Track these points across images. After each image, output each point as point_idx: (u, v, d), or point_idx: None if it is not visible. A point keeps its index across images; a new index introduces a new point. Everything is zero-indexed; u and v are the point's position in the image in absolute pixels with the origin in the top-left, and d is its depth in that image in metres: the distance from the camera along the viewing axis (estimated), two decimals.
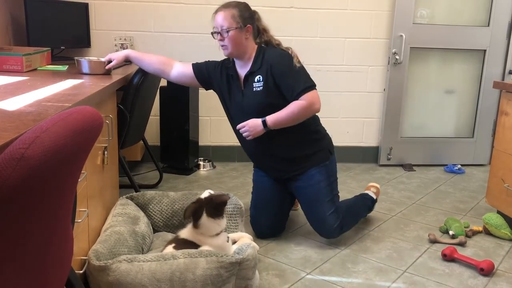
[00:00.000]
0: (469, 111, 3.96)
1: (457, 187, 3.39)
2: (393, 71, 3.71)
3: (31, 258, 0.87)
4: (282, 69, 2.26)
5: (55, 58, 3.01)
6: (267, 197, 2.45)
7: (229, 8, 2.28)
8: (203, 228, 1.88)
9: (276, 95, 2.26)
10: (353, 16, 3.67)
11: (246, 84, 2.33)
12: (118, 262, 1.69)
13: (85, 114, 0.95)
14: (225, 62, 2.43)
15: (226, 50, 2.30)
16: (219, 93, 2.45)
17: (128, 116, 2.50)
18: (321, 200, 2.33)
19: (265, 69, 2.27)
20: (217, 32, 2.30)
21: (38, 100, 1.48)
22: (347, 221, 2.39)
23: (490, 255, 2.32)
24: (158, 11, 3.52)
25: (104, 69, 2.34)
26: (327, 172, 2.40)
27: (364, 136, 3.89)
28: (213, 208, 1.89)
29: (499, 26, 3.74)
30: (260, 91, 2.27)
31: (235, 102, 2.37)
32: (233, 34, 2.24)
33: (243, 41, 2.28)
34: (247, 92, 2.32)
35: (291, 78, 2.25)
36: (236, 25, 2.24)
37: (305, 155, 2.37)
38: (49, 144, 0.78)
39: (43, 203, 0.85)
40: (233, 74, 2.37)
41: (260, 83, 2.27)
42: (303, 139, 2.36)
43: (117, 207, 2.14)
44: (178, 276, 1.67)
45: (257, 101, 2.28)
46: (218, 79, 2.42)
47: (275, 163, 2.40)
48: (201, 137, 3.72)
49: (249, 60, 2.33)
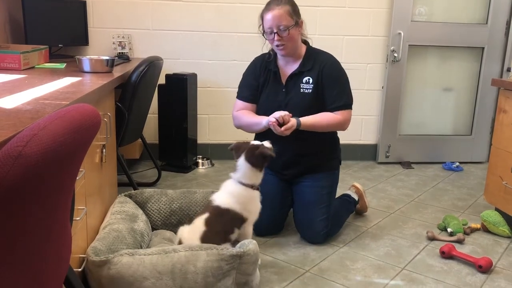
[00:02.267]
0: (467, 108, 3.96)
1: (455, 184, 3.40)
2: (391, 68, 3.71)
3: (29, 256, 0.87)
4: (334, 74, 2.25)
5: (53, 56, 3.00)
6: (269, 196, 2.40)
7: (282, 4, 2.18)
8: (240, 171, 1.95)
9: (321, 98, 2.26)
10: (352, 13, 3.66)
11: (289, 82, 2.28)
12: (119, 255, 1.70)
13: (83, 112, 0.95)
14: (266, 56, 2.38)
15: (285, 49, 2.22)
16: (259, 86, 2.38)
17: (126, 114, 2.50)
18: (317, 205, 2.33)
19: (317, 71, 2.24)
20: (273, 32, 2.19)
21: (36, 98, 1.48)
22: (333, 229, 2.40)
23: (488, 252, 2.32)
24: (156, 8, 3.51)
25: (105, 67, 2.33)
26: (333, 180, 2.42)
27: (363, 134, 3.89)
28: (252, 155, 1.95)
29: (497, 24, 3.74)
30: (308, 94, 2.24)
31: (272, 97, 2.31)
32: (292, 31, 2.17)
33: (298, 37, 2.23)
34: (291, 91, 2.27)
35: (338, 89, 2.25)
36: (293, 22, 2.17)
37: (321, 159, 2.37)
38: (46, 141, 0.78)
39: (40, 201, 0.85)
40: (275, 70, 2.31)
41: (310, 85, 2.24)
42: (324, 145, 2.37)
43: (115, 205, 2.14)
44: (179, 268, 1.69)
45: (304, 103, 2.25)
46: (262, 77, 2.36)
47: (288, 165, 2.37)
48: (200, 135, 3.72)
49: (298, 58, 2.28)
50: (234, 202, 1.94)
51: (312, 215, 2.33)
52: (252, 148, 1.96)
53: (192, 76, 3.41)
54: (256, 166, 1.96)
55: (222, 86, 3.70)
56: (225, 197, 1.96)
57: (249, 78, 2.40)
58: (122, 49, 3.45)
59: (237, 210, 1.93)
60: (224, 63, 3.66)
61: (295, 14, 2.19)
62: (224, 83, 3.69)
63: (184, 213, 2.28)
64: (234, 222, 1.93)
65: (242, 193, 1.96)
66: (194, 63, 3.62)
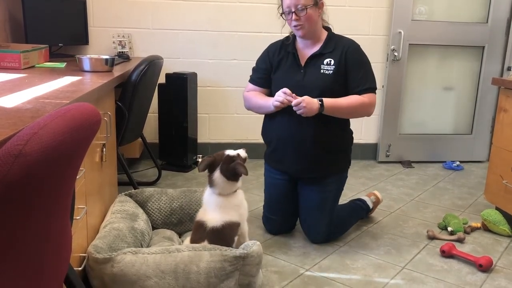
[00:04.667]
0: (468, 107, 3.96)
1: (456, 183, 3.40)
2: (391, 68, 3.71)
3: (29, 254, 0.87)
4: (358, 58, 2.23)
5: (53, 55, 3.00)
6: (280, 197, 2.41)
7: None
8: (217, 186, 1.89)
9: (342, 82, 2.22)
10: (352, 12, 3.66)
11: (309, 63, 2.25)
12: (123, 254, 1.70)
13: (83, 111, 0.95)
14: (284, 41, 2.35)
15: (302, 30, 2.19)
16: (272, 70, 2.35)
17: (126, 113, 2.50)
18: (322, 208, 2.32)
19: (339, 54, 2.21)
20: (291, 12, 2.16)
21: (36, 97, 1.47)
22: (336, 232, 2.40)
23: (488, 251, 2.32)
24: (156, 8, 3.51)
25: (105, 67, 2.33)
26: (341, 183, 2.40)
27: (363, 133, 3.89)
28: (227, 169, 1.88)
29: (497, 23, 3.74)
30: (329, 75, 2.20)
31: (290, 77, 2.26)
32: (310, 12, 2.15)
33: (318, 19, 2.21)
34: (310, 72, 2.24)
35: (362, 72, 2.23)
36: (312, 2, 2.15)
37: (334, 152, 2.31)
38: (47, 140, 0.78)
39: (41, 200, 0.85)
40: (294, 52, 2.29)
41: (331, 66, 2.21)
42: (340, 133, 2.33)
43: (116, 204, 2.14)
44: (182, 268, 1.69)
45: (324, 84, 2.20)
46: (277, 60, 2.32)
47: (300, 153, 2.27)
48: (200, 134, 3.72)
49: (318, 40, 2.26)
50: (225, 214, 1.88)
51: (315, 219, 2.33)
52: (227, 161, 1.89)
53: (192, 75, 3.40)
54: (232, 179, 1.89)
55: (223, 85, 3.70)
56: (214, 215, 1.88)
57: (259, 62, 2.40)
58: (122, 48, 3.45)
59: (231, 219, 1.88)
60: (225, 62, 3.66)
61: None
62: (224, 82, 3.69)
63: (185, 212, 2.28)
64: (233, 232, 1.90)
65: (228, 203, 1.90)
66: (194, 62, 3.62)
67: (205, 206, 1.96)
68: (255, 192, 3.04)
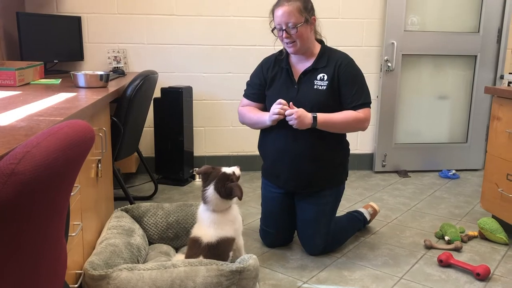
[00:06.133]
0: (462, 116, 3.98)
1: (452, 192, 3.41)
2: (385, 78, 3.73)
3: (23, 272, 0.87)
4: (352, 73, 2.22)
5: (49, 72, 3.01)
6: (277, 211, 2.40)
7: (292, 0, 2.12)
8: (211, 203, 1.87)
9: (336, 97, 2.22)
10: (345, 24, 3.70)
11: (302, 78, 2.25)
12: (118, 270, 1.69)
13: (76, 128, 0.95)
14: (278, 56, 2.35)
15: (294, 47, 2.18)
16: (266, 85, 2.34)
17: (121, 128, 2.50)
18: (319, 221, 2.31)
19: (332, 68, 2.20)
20: (282, 29, 2.16)
21: (30, 114, 1.48)
22: (334, 243, 2.39)
23: (486, 259, 2.32)
24: (151, 23, 3.53)
25: (99, 82, 2.34)
26: (338, 195, 2.39)
27: (359, 143, 3.90)
28: (222, 187, 1.86)
29: (489, 32, 3.78)
30: (323, 90, 2.20)
31: (284, 93, 2.24)
32: (301, 29, 2.13)
33: (310, 35, 2.20)
34: (304, 87, 2.23)
35: (356, 87, 2.22)
36: (303, 19, 2.13)
37: (331, 166, 2.30)
38: (40, 159, 0.78)
39: (34, 218, 0.85)
40: (287, 68, 2.28)
41: (325, 82, 2.20)
42: (337, 147, 2.32)
43: (112, 219, 2.14)
44: (179, 284, 1.68)
45: (318, 99, 2.19)
46: (270, 75, 2.32)
47: (296, 168, 2.26)
48: (196, 148, 3.72)
49: (311, 55, 2.26)
50: (220, 230, 1.86)
51: (312, 232, 2.32)
52: (222, 179, 1.87)
53: (187, 89, 3.42)
54: (226, 197, 1.87)
55: (218, 99, 3.71)
56: (209, 230, 1.87)
57: (253, 77, 2.40)
58: (118, 63, 3.47)
59: (226, 235, 1.87)
60: (219, 76, 3.68)
61: (306, 11, 2.14)
62: (219, 96, 3.71)
63: (181, 227, 2.28)
64: (228, 247, 1.89)
65: (223, 219, 1.89)
66: (189, 76, 3.63)
67: (199, 222, 1.94)
68: (252, 205, 3.04)
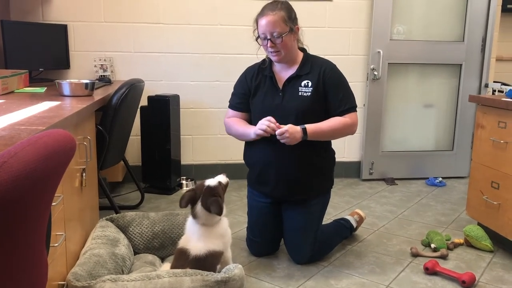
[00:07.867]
0: (448, 124, 4.02)
1: (439, 200, 3.43)
2: (372, 86, 3.76)
3: (2, 285, 0.85)
4: (336, 78, 2.23)
5: (34, 80, 2.99)
6: (264, 220, 2.39)
7: (277, 10, 2.14)
8: (200, 218, 1.86)
9: (322, 103, 2.23)
10: (331, 33, 3.72)
11: (286, 86, 2.25)
12: (102, 281, 1.67)
13: (57, 137, 0.94)
14: (261, 65, 2.35)
15: (279, 56, 2.19)
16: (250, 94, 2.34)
17: (107, 137, 2.48)
18: (306, 229, 2.31)
19: (316, 75, 2.22)
20: (266, 38, 2.16)
21: (12, 123, 1.46)
22: (321, 251, 2.39)
23: (471, 267, 2.33)
24: (138, 31, 3.52)
25: (85, 91, 2.32)
26: (324, 204, 2.39)
27: (346, 151, 3.92)
28: (208, 202, 1.85)
29: (473, 41, 3.83)
30: (307, 97, 2.21)
31: (268, 101, 2.26)
32: (286, 39, 2.14)
33: (293, 43, 2.21)
34: (289, 94, 2.23)
35: (342, 92, 2.23)
36: (287, 29, 2.14)
37: (317, 174, 2.30)
38: (17, 169, 0.77)
39: (13, 229, 0.84)
40: (271, 76, 2.28)
41: (309, 88, 2.21)
42: (323, 154, 2.33)
43: (96, 229, 2.11)
44: None
45: (303, 105, 2.20)
46: (254, 84, 2.32)
47: (283, 176, 2.26)
48: (183, 156, 3.70)
49: (294, 62, 2.27)
50: (209, 243, 1.85)
51: (299, 240, 2.32)
52: (207, 194, 1.86)
53: (174, 97, 3.41)
54: (214, 212, 1.85)
55: (205, 107, 3.71)
56: (198, 243, 1.85)
57: (237, 87, 2.40)
58: (104, 72, 3.45)
59: (215, 249, 1.85)
60: (207, 84, 3.67)
61: (290, 20, 2.16)
62: (207, 104, 3.70)
63: (167, 236, 2.26)
64: (216, 261, 1.87)
65: (212, 233, 1.88)
66: (176, 84, 3.63)
67: (188, 234, 1.92)
68: (239, 213, 3.03)
